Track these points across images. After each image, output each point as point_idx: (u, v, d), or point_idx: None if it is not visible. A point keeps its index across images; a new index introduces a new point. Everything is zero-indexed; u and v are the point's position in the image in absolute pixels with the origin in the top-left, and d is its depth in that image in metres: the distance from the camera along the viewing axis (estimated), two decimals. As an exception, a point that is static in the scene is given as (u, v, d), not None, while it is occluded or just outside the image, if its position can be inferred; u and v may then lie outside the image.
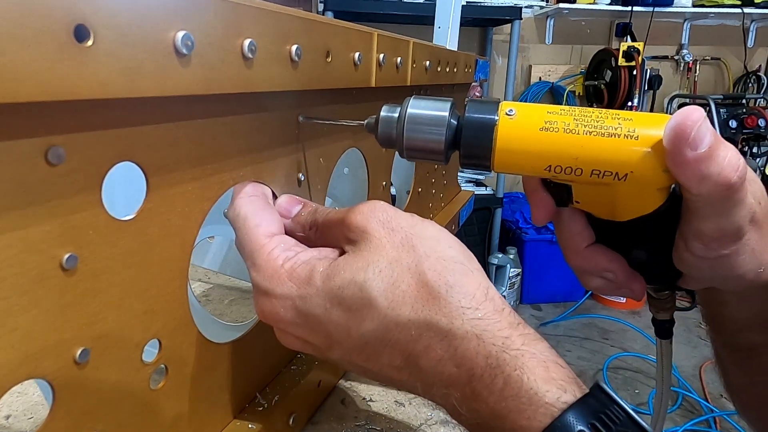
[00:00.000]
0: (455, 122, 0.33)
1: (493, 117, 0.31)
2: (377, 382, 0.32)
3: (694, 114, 0.27)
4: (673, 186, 0.31)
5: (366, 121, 0.36)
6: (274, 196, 0.40)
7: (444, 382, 0.27)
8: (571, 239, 0.37)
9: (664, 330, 0.41)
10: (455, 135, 0.33)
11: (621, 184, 0.30)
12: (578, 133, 0.30)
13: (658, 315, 0.40)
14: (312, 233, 0.35)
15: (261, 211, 0.35)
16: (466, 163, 0.34)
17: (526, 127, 0.30)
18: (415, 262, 0.29)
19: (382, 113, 0.35)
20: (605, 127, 0.29)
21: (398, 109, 0.34)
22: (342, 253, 0.32)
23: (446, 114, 0.33)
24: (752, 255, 0.32)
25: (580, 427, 0.24)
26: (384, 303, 0.28)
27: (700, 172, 0.27)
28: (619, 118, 0.30)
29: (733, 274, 0.33)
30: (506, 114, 0.31)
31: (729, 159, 0.28)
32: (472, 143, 0.32)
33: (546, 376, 0.26)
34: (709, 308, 0.43)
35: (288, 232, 0.36)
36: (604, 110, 0.31)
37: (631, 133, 0.29)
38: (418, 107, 0.34)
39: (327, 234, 0.34)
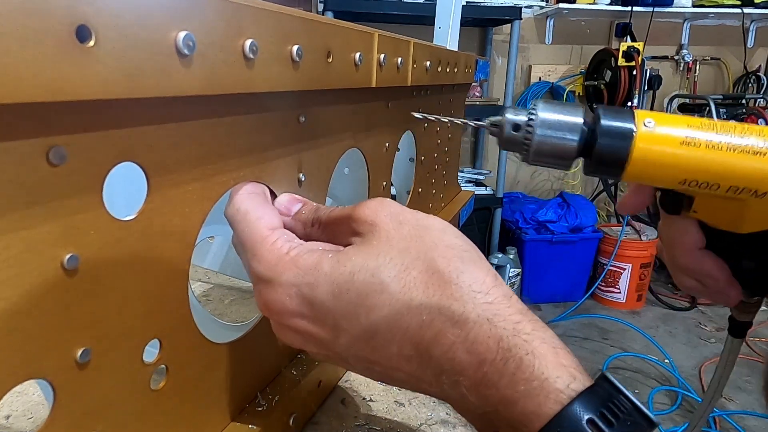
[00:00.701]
0: (587, 129, 0.32)
1: (631, 127, 0.31)
2: (380, 380, 0.32)
3: None
4: None
5: (488, 121, 0.35)
6: (273, 196, 0.40)
7: (455, 369, 0.27)
8: (683, 242, 0.37)
9: (741, 330, 0.42)
10: (587, 142, 0.32)
11: (756, 201, 0.30)
12: (722, 150, 0.29)
13: (740, 317, 0.41)
14: (314, 230, 0.35)
15: (261, 206, 0.35)
16: (593, 170, 0.33)
17: (667, 141, 0.30)
18: (425, 250, 0.29)
19: (509, 116, 0.33)
20: (749, 145, 0.29)
21: (526, 112, 0.33)
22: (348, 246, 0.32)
23: (580, 120, 0.32)
24: None
25: (588, 416, 0.24)
26: (396, 287, 0.28)
27: None
28: (764, 135, 0.30)
29: None
30: (644, 125, 0.31)
31: None
32: (606, 151, 0.31)
33: (556, 362, 0.26)
34: None
35: (302, 234, 0.36)
36: (747, 125, 0.31)
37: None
38: (550, 111, 0.32)
39: (331, 230, 0.34)
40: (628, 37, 2.90)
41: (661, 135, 0.30)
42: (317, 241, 0.34)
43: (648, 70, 2.99)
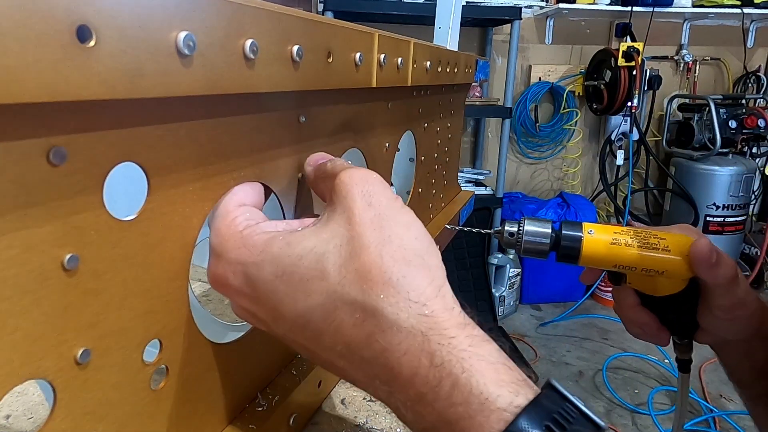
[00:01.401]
0: (554, 235, 0.50)
1: (580, 234, 0.48)
2: (328, 370, 0.31)
3: (709, 246, 0.46)
4: (692, 277, 0.48)
5: (493, 230, 0.53)
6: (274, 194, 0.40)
7: (387, 377, 0.26)
8: (626, 302, 0.53)
9: (685, 366, 0.57)
10: (555, 243, 0.49)
11: (660, 277, 0.47)
12: (634, 247, 0.47)
13: (681, 356, 0.56)
14: (320, 182, 0.36)
15: (243, 185, 0.35)
16: (560, 259, 0.49)
17: (601, 243, 0.48)
18: (377, 242, 0.28)
19: (507, 227, 0.51)
20: (650, 244, 0.47)
21: (517, 224, 0.51)
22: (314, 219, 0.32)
23: (549, 230, 0.50)
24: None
25: (535, 430, 0.23)
26: (336, 278, 0.27)
27: (716, 274, 0.46)
28: (658, 238, 0.47)
29: (742, 325, 0.50)
30: (588, 233, 0.48)
31: (729, 262, 0.47)
32: (566, 250, 0.49)
33: (497, 379, 0.25)
34: (730, 367, 0.58)
35: (311, 183, 0.38)
36: (647, 230, 0.48)
37: (666, 248, 0.47)
38: (531, 225, 0.50)
39: (325, 185, 0.34)
40: (628, 37, 2.90)
41: (597, 239, 0.48)
42: (323, 194, 0.35)
43: (648, 70, 2.99)
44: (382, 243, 0.28)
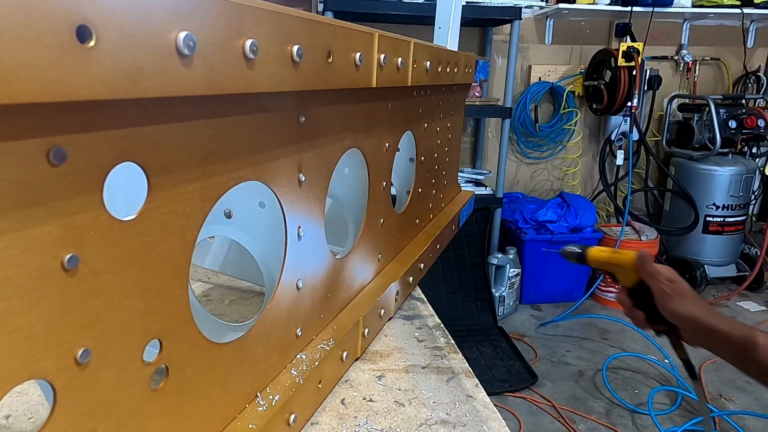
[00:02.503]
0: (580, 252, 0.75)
1: (582, 252, 0.73)
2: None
3: (646, 254, 0.67)
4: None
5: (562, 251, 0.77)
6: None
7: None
8: (624, 302, 0.71)
9: (691, 370, 0.69)
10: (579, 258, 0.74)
11: (619, 268, 0.70)
12: (608, 252, 0.71)
13: (678, 353, 0.68)
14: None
15: None
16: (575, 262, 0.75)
17: (598, 252, 0.72)
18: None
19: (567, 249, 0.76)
20: (618, 252, 0.70)
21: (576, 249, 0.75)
22: None
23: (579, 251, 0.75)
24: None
25: None
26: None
27: (645, 271, 0.67)
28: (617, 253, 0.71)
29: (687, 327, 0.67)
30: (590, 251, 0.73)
31: (661, 268, 0.66)
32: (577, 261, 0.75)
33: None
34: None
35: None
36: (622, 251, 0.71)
37: (625, 255, 0.70)
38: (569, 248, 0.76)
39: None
40: (628, 37, 2.89)
41: (596, 250, 0.72)
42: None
43: (648, 70, 2.98)
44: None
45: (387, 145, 0.65)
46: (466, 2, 2.63)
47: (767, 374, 0.58)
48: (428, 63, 0.68)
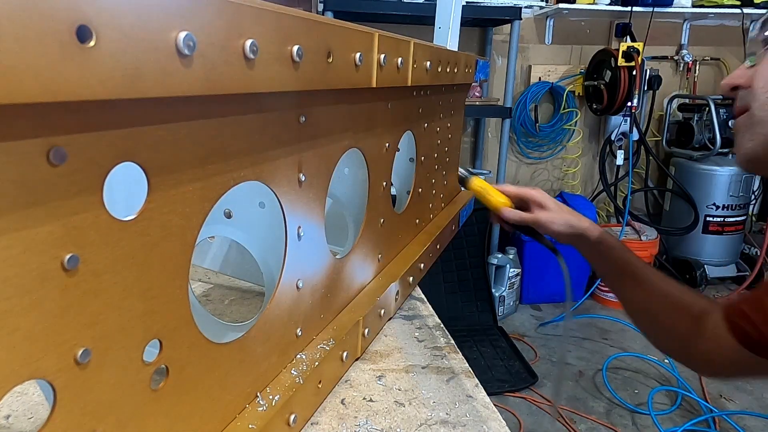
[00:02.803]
0: (464, 177, 0.92)
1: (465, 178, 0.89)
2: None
3: (506, 215, 0.80)
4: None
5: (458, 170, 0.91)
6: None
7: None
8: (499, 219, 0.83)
9: (553, 250, 0.79)
10: (462, 181, 0.91)
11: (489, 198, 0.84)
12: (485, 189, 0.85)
13: (541, 242, 0.81)
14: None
15: None
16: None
17: (477, 185, 0.86)
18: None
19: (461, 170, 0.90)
20: (488, 195, 0.83)
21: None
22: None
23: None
24: (549, 221, 0.76)
25: None
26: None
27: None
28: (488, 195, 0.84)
29: (547, 232, 0.78)
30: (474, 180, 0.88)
31: (524, 193, 0.81)
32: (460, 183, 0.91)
33: None
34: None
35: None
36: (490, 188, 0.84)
37: (493, 201, 0.83)
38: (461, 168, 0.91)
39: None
40: (628, 38, 2.89)
41: (476, 182, 0.86)
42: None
43: (648, 70, 2.98)
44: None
45: (387, 145, 0.65)
46: (466, 2, 2.63)
47: (604, 258, 0.74)
48: (428, 63, 0.68)
